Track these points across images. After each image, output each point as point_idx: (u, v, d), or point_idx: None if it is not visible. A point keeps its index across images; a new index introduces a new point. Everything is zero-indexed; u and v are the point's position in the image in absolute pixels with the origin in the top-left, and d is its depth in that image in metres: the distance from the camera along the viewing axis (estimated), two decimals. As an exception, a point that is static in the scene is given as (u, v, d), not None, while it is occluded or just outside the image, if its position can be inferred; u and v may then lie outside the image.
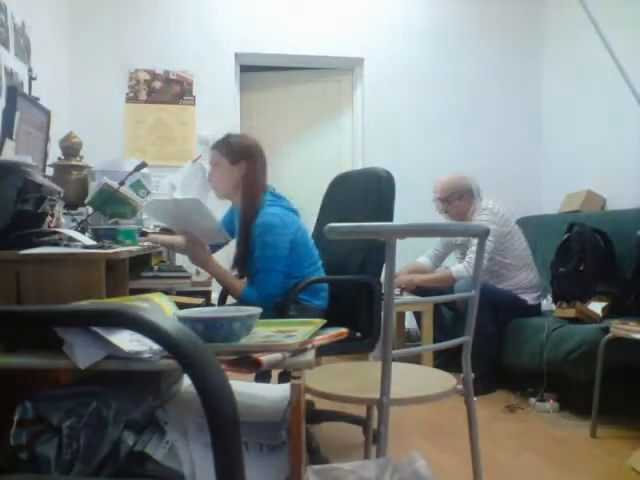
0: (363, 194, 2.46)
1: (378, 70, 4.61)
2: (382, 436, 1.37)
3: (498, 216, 3.45)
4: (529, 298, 3.44)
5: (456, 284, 3.33)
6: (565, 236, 3.39)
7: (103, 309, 0.69)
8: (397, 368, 1.46)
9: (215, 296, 2.79)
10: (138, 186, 2.66)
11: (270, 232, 2.24)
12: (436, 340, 3.51)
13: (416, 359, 3.37)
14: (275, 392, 1.50)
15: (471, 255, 3.37)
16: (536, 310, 3.43)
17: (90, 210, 2.41)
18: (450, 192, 3.58)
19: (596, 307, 3.01)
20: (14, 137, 2.14)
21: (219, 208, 2.78)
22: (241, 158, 2.34)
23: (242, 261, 2.36)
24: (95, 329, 1.16)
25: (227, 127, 4.43)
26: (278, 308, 2.21)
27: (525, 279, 3.45)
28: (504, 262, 3.45)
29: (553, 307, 3.32)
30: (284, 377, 2.27)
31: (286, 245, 2.26)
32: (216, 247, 2.53)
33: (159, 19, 4.35)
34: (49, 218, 1.89)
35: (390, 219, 2.34)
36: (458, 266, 3.49)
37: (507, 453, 2.44)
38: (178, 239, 2.54)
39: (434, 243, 3.85)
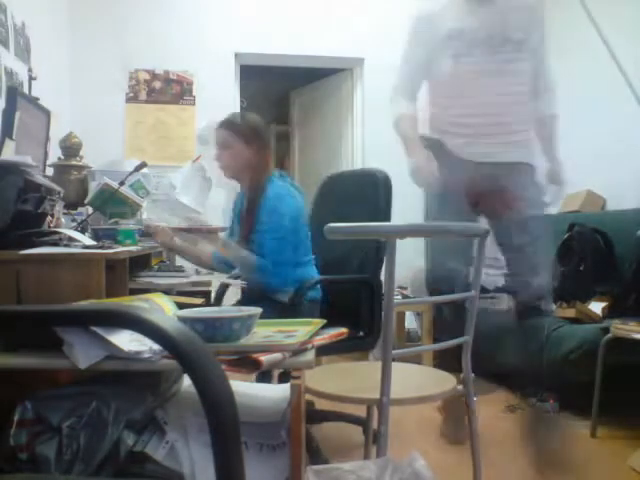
0: (360, 195, 2.46)
1: (378, 70, 4.60)
2: (382, 436, 1.37)
3: None
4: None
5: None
6: (565, 236, 3.38)
7: (103, 309, 0.69)
8: (397, 368, 1.46)
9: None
10: (138, 186, 2.66)
11: (281, 202, 2.26)
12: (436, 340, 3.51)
13: (416, 359, 3.37)
14: (275, 392, 1.50)
15: None
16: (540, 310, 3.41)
17: (90, 210, 2.41)
18: None
19: (596, 307, 3.01)
20: (14, 137, 2.14)
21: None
22: (255, 138, 2.36)
23: (246, 240, 2.37)
24: (95, 329, 1.16)
25: (227, 127, 4.45)
26: (282, 303, 2.22)
27: None
28: None
29: (553, 307, 3.32)
30: (284, 377, 2.27)
31: (295, 216, 2.29)
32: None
33: (159, 19, 4.35)
34: (49, 218, 1.89)
35: (388, 220, 2.34)
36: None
37: (507, 453, 2.44)
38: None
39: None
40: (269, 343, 1.27)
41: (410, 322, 4.20)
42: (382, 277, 2.17)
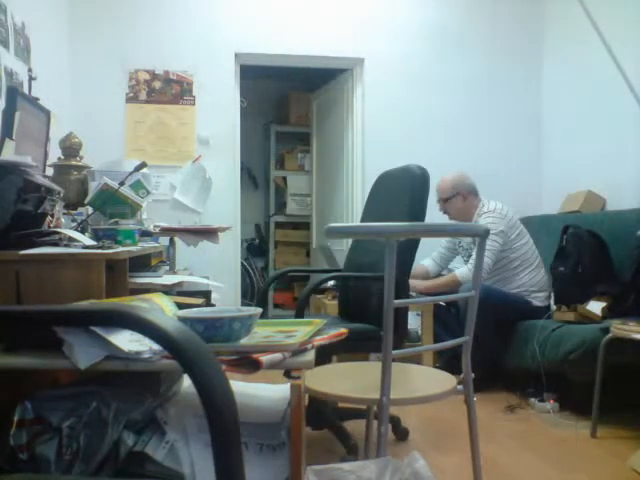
0: (398, 192, 2.46)
1: (378, 70, 4.60)
2: (382, 436, 1.37)
3: (506, 219, 3.44)
4: (536, 300, 3.41)
5: (462, 286, 3.32)
6: (561, 238, 3.39)
7: (103, 309, 0.69)
8: (397, 368, 1.46)
9: (215, 296, 2.79)
10: (138, 186, 2.66)
11: None
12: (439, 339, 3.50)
13: (416, 359, 3.37)
14: (275, 392, 1.50)
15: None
16: (544, 311, 3.36)
17: (90, 210, 2.41)
18: (454, 192, 3.57)
19: (595, 307, 3.01)
20: (14, 137, 2.14)
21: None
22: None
23: None
24: (95, 329, 1.16)
25: (227, 127, 4.45)
26: None
27: (533, 280, 3.43)
28: (511, 265, 3.43)
29: (553, 307, 3.32)
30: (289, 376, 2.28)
31: None
32: None
33: (159, 19, 4.35)
34: (49, 218, 1.89)
35: (422, 217, 2.33)
36: (463, 269, 3.45)
37: (507, 453, 2.44)
38: None
39: (438, 246, 3.82)
40: (269, 343, 1.27)
41: (410, 322, 4.20)
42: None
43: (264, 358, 1.18)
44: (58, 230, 1.89)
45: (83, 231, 2.11)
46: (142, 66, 4.36)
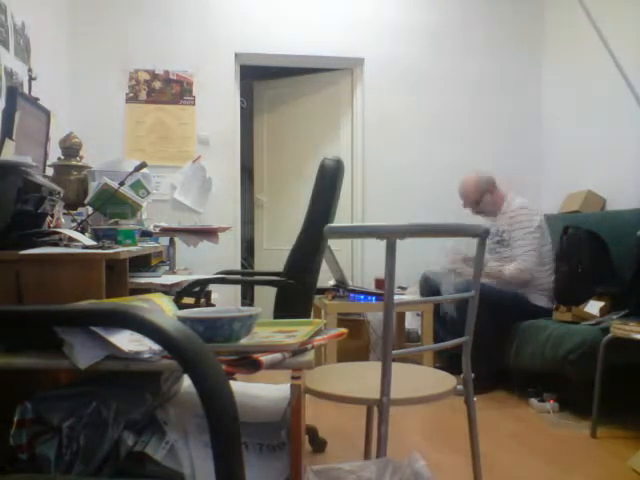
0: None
1: (378, 70, 4.60)
2: (382, 436, 1.37)
3: (539, 216, 3.48)
4: (538, 300, 3.40)
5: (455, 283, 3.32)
6: (561, 238, 3.39)
7: (103, 309, 0.69)
8: (397, 368, 1.46)
9: (215, 296, 2.79)
10: (138, 186, 2.65)
11: None
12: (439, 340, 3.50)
13: (416, 359, 3.37)
14: (275, 392, 1.50)
15: (522, 256, 3.36)
16: (545, 312, 3.34)
17: (90, 210, 2.41)
18: (480, 192, 3.59)
19: (594, 307, 3.01)
20: (14, 137, 2.14)
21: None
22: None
23: None
24: (95, 329, 1.16)
25: (227, 127, 4.45)
26: None
27: (542, 280, 3.41)
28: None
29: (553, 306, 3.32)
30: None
31: None
32: None
33: (159, 19, 4.35)
34: (49, 218, 1.89)
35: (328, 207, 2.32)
36: (510, 267, 3.40)
37: (507, 453, 2.44)
38: None
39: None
40: (269, 343, 1.27)
41: (410, 322, 4.20)
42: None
43: (264, 358, 1.18)
44: (58, 230, 1.89)
45: (83, 231, 2.11)
46: (142, 66, 4.36)
